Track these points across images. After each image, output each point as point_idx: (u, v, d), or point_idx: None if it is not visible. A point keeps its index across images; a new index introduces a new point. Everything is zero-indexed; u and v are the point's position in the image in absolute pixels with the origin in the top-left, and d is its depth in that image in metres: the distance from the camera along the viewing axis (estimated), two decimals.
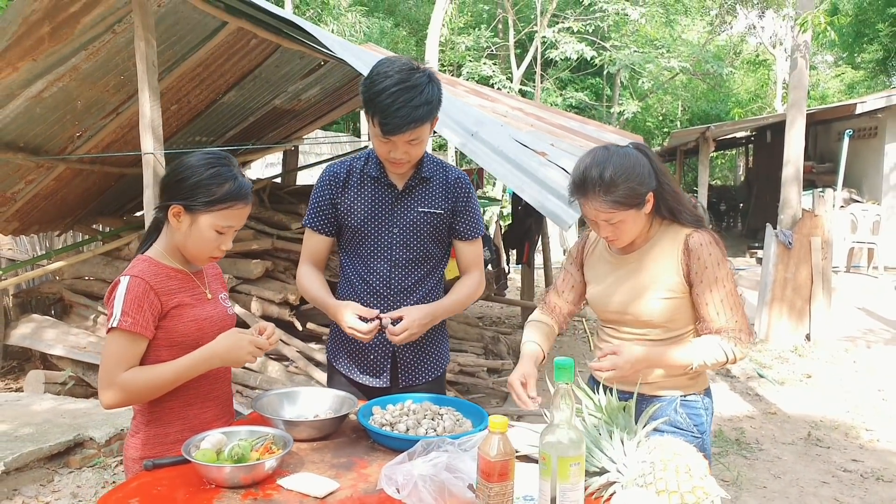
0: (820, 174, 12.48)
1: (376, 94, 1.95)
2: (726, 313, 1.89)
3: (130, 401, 1.73)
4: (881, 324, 8.32)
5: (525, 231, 7.57)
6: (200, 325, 1.81)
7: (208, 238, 1.79)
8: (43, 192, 5.56)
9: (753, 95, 28.43)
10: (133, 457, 1.80)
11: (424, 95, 1.97)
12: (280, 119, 7.20)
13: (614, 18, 19.87)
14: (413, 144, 2.04)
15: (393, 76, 1.96)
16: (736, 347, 1.87)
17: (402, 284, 2.21)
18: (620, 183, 1.82)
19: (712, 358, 1.86)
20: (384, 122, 1.95)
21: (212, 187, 1.75)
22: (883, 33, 18.78)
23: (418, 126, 1.98)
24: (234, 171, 1.79)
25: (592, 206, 1.86)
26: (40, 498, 3.55)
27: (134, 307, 1.69)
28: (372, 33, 18.57)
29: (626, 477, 1.45)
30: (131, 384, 1.69)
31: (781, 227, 7.45)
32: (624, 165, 1.83)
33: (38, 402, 4.54)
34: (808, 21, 7.10)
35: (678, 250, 1.92)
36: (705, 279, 1.88)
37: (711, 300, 1.89)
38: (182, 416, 1.82)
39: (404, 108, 1.93)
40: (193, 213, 1.76)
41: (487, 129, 4.11)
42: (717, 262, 1.89)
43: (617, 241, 1.95)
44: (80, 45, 4.27)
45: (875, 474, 4.18)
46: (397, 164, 2.11)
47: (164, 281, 1.78)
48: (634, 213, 1.87)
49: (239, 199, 1.78)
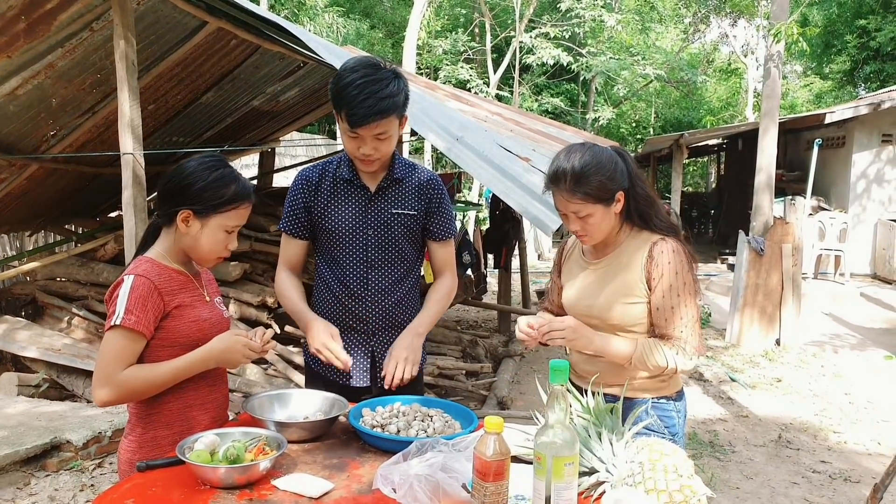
0: (789, 182, 12.73)
1: (343, 88, 1.99)
2: (675, 323, 1.92)
3: (126, 399, 1.74)
4: (847, 329, 8.53)
5: (503, 236, 7.62)
6: (201, 326, 1.83)
7: (219, 239, 1.84)
8: (14, 191, 5.47)
9: (725, 103, 28.88)
10: (128, 459, 1.79)
11: (390, 88, 2.01)
12: (258, 121, 7.17)
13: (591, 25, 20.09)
14: (381, 140, 2.07)
15: (359, 70, 2.01)
16: (678, 356, 1.90)
17: (378, 285, 2.22)
18: (591, 175, 1.87)
19: (652, 359, 1.89)
20: (351, 112, 1.99)
21: (219, 190, 1.79)
22: (851, 45, 19.22)
23: (384, 117, 2.01)
24: (234, 173, 1.84)
25: (563, 197, 1.91)
26: (17, 501, 3.49)
27: (138, 306, 1.70)
28: (348, 35, 18.53)
29: (616, 476, 1.48)
30: (130, 382, 1.70)
31: (753, 234, 7.60)
32: (596, 159, 1.89)
33: (11, 405, 4.46)
34: (781, 31, 7.26)
35: (643, 256, 1.96)
36: (660, 286, 1.92)
37: (662, 306, 1.92)
38: (182, 419, 1.82)
39: (370, 99, 1.97)
40: (203, 216, 1.80)
41: (472, 134, 4.14)
42: (676, 272, 1.92)
43: (586, 237, 1.98)
44: (56, 43, 4.22)
45: (843, 475, 4.30)
46: (367, 162, 2.12)
47: (166, 281, 1.80)
48: (603, 210, 1.91)
49: (245, 199, 1.84)
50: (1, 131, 4.80)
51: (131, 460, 1.77)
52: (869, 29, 18.24)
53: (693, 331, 1.93)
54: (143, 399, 1.80)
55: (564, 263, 2.19)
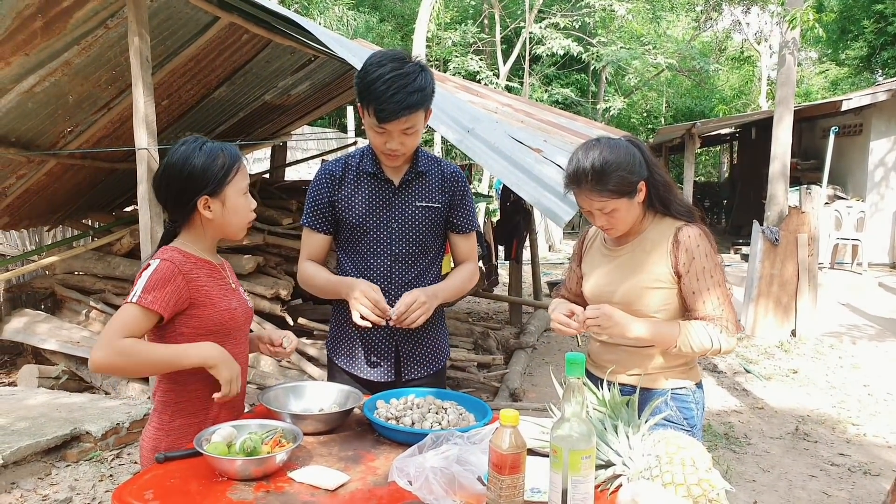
0: (804, 171, 12.61)
1: (371, 83, 1.98)
2: (713, 303, 1.92)
3: (117, 367, 1.72)
4: (865, 320, 8.45)
5: (513, 227, 7.61)
6: (233, 315, 1.86)
7: (241, 205, 1.88)
8: (34, 187, 5.52)
9: (738, 92, 28.62)
10: (153, 447, 1.81)
11: (418, 82, 2.01)
12: (269, 115, 7.19)
13: (601, 14, 19.96)
14: (408, 134, 2.06)
15: (386, 65, 2.00)
16: (722, 336, 1.90)
17: (402, 279, 2.22)
18: (611, 172, 1.87)
19: (698, 341, 1.89)
20: (380, 108, 1.98)
21: (215, 163, 1.81)
22: (868, 30, 18.94)
23: (413, 112, 2.01)
24: (210, 142, 1.86)
25: (586, 196, 1.92)
26: (38, 491, 3.54)
27: (157, 287, 1.72)
28: (357, 28, 18.51)
29: (632, 470, 1.48)
30: (126, 349, 1.68)
31: (768, 224, 7.54)
32: (614, 155, 1.89)
33: (32, 397, 4.52)
34: (797, 17, 7.17)
35: (668, 242, 1.96)
36: (693, 269, 1.93)
37: (699, 289, 1.93)
38: (205, 408, 1.84)
39: (399, 94, 1.96)
40: (219, 194, 1.83)
41: (483, 125, 4.13)
42: (706, 254, 1.94)
43: (612, 230, 2.00)
44: (72, 40, 4.25)
45: (862, 468, 4.26)
46: (393, 157, 2.12)
47: (192, 269, 1.81)
48: (627, 202, 1.93)
49: (237, 158, 1.87)
50: (20, 128, 4.85)
51: (156, 447, 1.79)
52: (886, 14, 17.98)
53: (732, 310, 1.95)
54: (167, 384, 1.82)
55: (586, 253, 2.20)
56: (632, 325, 1.90)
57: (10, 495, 3.48)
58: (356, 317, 2.04)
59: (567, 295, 2.28)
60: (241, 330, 1.94)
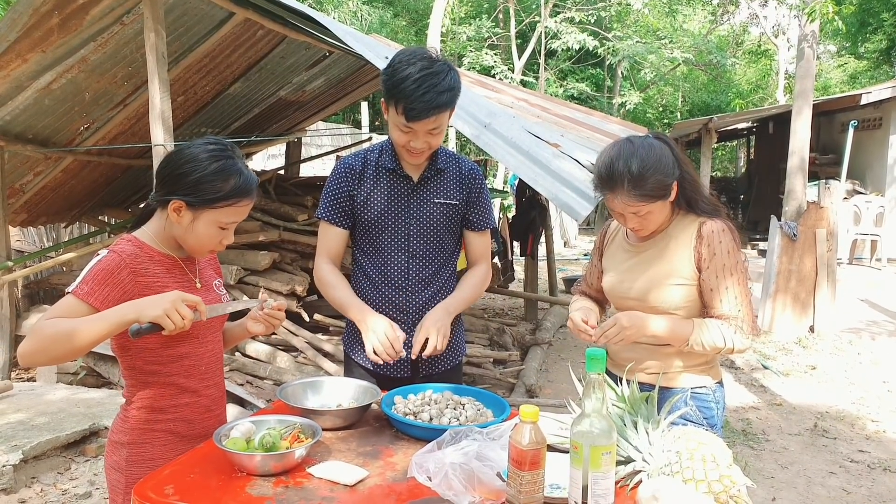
0: (823, 165, 12.47)
1: (400, 81, 1.97)
2: (730, 301, 1.90)
3: (41, 353, 1.55)
4: (885, 316, 8.35)
5: (529, 223, 7.58)
6: None
7: (211, 234, 1.71)
8: (51, 183, 5.58)
9: (755, 86, 28.33)
10: (120, 441, 1.76)
11: (447, 82, 1.99)
12: (284, 110, 7.21)
13: (616, 9, 19.82)
14: (434, 134, 2.06)
15: (416, 63, 1.98)
16: (736, 336, 1.88)
17: (420, 276, 2.22)
18: (649, 176, 1.84)
19: (710, 339, 1.87)
20: (409, 107, 1.97)
21: (216, 183, 1.65)
22: (888, 23, 18.69)
23: (441, 112, 2.01)
24: (238, 165, 1.69)
25: (621, 201, 1.88)
26: (58, 485, 3.58)
27: (97, 279, 1.60)
28: (372, 23, 18.50)
29: (653, 466, 1.47)
30: (45, 328, 1.52)
31: (786, 219, 7.46)
32: (650, 158, 1.85)
33: (51, 392, 4.57)
34: (816, 10, 7.08)
35: (692, 237, 1.94)
36: (712, 266, 1.90)
37: (717, 287, 1.90)
38: (176, 404, 1.79)
39: (429, 94, 1.95)
40: (196, 209, 1.66)
41: (500, 120, 4.11)
42: (728, 251, 1.91)
43: (642, 230, 1.98)
44: (88, 37, 4.27)
45: (882, 465, 4.22)
46: (415, 155, 2.11)
47: (145, 263, 1.69)
48: (661, 204, 1.90)
49: (244, 196, 1.69)
50: (37, 125, 4.89)
51: (123, 443, 1.75)
52: None
53: (749, 310, 1.92)
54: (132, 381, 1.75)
55: (607, 247, 2.18)
56: (648, 323, 1.88)
57: (31, 489, 3.51)
58: (369, 350, 2.07)
59: (587, 290, 2.27)
60: (209, 329, 1.82)
